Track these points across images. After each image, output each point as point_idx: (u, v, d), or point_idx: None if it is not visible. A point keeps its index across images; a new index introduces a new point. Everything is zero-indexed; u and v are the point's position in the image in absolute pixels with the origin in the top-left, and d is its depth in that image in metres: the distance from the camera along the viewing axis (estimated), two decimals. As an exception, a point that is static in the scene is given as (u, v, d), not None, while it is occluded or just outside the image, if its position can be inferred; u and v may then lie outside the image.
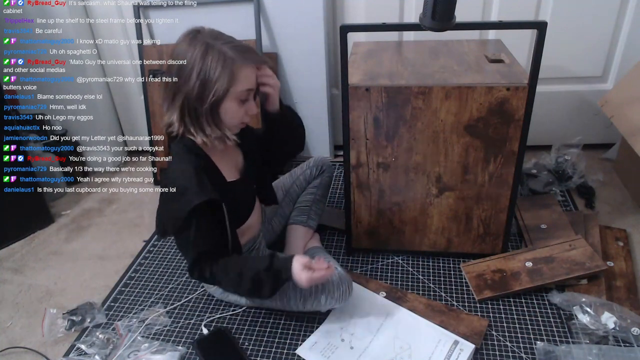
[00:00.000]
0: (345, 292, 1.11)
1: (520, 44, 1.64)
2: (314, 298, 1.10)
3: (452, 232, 1.29)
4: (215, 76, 0.98)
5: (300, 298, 1.11)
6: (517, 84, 1.08)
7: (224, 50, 0.99)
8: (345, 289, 1.11)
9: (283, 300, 1.13)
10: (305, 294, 1.11)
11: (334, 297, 1.10)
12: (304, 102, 1.78)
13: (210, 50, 0.98)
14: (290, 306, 1.13)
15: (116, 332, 1.17)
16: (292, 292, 1.11)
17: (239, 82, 1.01)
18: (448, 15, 0.93)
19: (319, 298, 1.10)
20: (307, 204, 1.34)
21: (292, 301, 1.12)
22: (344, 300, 1.11)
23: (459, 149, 1.16)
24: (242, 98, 1.04)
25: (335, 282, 1.10)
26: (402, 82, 1.12)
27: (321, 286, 1.09)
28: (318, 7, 1.62)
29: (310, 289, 1.10)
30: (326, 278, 1.05)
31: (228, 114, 1.04)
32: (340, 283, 1.10)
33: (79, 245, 1.54)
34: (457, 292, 1.23)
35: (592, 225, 1.39)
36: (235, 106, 1.03)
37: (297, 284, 1.01)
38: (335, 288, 1.10)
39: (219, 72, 0.98)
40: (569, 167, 1.60)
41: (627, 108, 1.46)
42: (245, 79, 1.02)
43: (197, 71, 0.98)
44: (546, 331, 1.11)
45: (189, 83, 0.99)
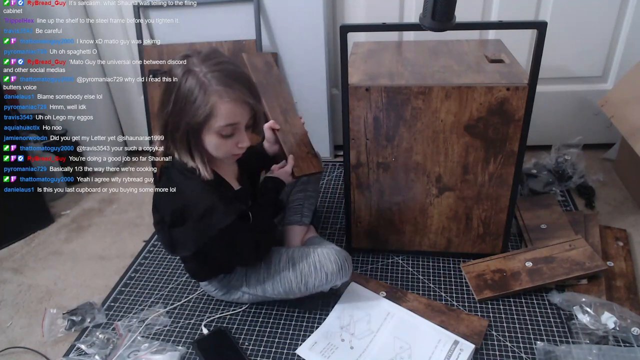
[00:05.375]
0: (345, 268, 1.10)
1: (520, 44, 1.64)
2: (314, 277, 1.09)
3: (452, 232, 1.29)
4: (192, 107, 0.93)
5: (302, 280, 1.10)
6: (517, 84, 1.08)
7: (205, 80, 0.93)
8: (344, 263, 1.10)
9: (285, 286, 1.12)
10: (305, 274, 1.10)
11: (334, 272, 1.09)
12: (304, 102, 1.78)
13: (190, 77, 0.93)
14: (293, 291, 1.12)
15: (116, 332, 1.17)
16: (293, 274, 1.11)
17: (217, 118, 0.95)
18: (448, 15, 0.92)
19: (319, 276, 1.09)
20: (299, 202, 1.33)
21: (293, 284, 1.11)
22: (346, 276, 1.12)
23: (459, 149, 1.16)
24: (225, 133, 0.98)
25: (332, 259, 1.09)
26: (402, 82, 1.12)
27: (319, 264, 1.09)
28: (318, 7, 1.62)
29: (309, 267, 1.10)
30: (293, 160, 1.17)
31: (211, 146, 1.00)
32: (338, 259, 1.10)
33: (79, 245, 1.54)
34: (457, 292, 1.23)
35: (592, 225, 1.39)
36: (216, 140, 0.98)
37: (287, 181, 1.17)
38: (333, 264, 1.09)
39: (196, 103, 0.93)
40: (569, 167, 1.60)
41: (627, 108, 1.46)
42: (227, 114, 0.95)
43: (175, 98, 0.95)
44: (546, 331, 1.11)
45: (168, 106, 0.96)
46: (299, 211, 1.33)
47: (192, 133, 0.97)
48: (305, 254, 1.12)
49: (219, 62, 0.96)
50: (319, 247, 1.13)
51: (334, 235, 1.46)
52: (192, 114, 0.95)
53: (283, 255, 1.14)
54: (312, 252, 1.12)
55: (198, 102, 0.94)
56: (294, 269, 1.11)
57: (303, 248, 1.16)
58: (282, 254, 1.15)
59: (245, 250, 1.09)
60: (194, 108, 0.94)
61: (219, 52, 1.00)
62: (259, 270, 1.15)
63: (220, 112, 0.95)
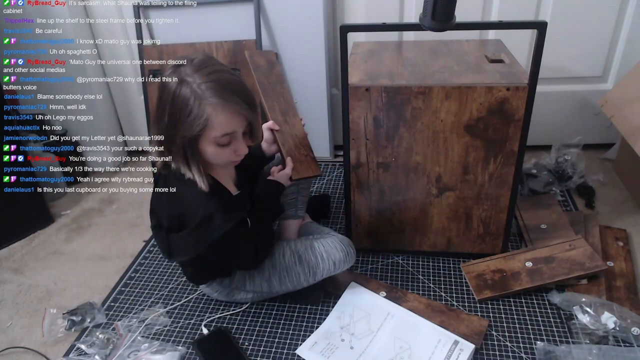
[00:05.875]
0: (351, 253, 1.14)
1: (520, 44, 1.64)
2: (322, 267, 1.12)
3: (452, 232, 1.29)
4: (187, 119, 0.92)
5: (310, 272, 1.12)
6: (517, 84, 1.08)
7: (199, 91, 0.91)
8: (349, 249, 1.14)
9: (293, 280, 1.13)
10: (313, 266, 1.12)
11: (342, 260, 1.12)
12: (304, 102, 1.78)
13: (183, 87, 0.92)
14: (302, 283, 1.14)
15: (116, 332, 1.17)
16: (300, 267, 1.12)
17: (213, 129, 0.94)
18: (448, 15, 0.92)
19: (327, 265, 1.12)
20: (292, 197, 1.32)
21: (302, 277, 1.13)
22: (352, 261, 1.15)
23: (459, 149, 1.16)
24: (221, 143, 0.97)
25: (338, 247, 1.12)
26: (402, 82, 1.12)
27: (325, 254, 1.11)
28: (318, 7, 1.62)
29: (316, 258, 1.12)
30: (292, 164, 1.17)
31: (208, 155, 0.99)
32: (343, 246, 1.13)
33: (79, 245, 1.54)
34: (457, 292, 1.23)
35: (592, 225, 1.39)
36: (214, 149, 0.98)
37: (287, 184, 1.17)
38: (340, 252, 1.12)
39: (191, 115, 0.92)
40: (569, 167, 1.60)
41: (627, 108, 1.46)
42: (223, 125, 0.95)
43: (169, 110, 0.94)
44: (546, 331, 1.11)
45: (164, 119, 0.95)
46: (293, 205, 1.32)
47: (188, 145, 0.96)
48: (310, 245, 1.14)
49: (213, 71, 0.94)
50: (322, 238, 1.15)
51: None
52: (188, 127, 0.94)
53: (286, 250, 1.15)
54: (316, 243, 1.13)
55: (193, 115, 0.92)
56: (300, 262, 1.12)
57: (305, 240, 1.17)
58: (285, 248, 1.15)
59: (244, 256, 1.09)
60: (189, 120, 0.93)
61: (213, 59, 0.98)
62: (263, 267, 1.15)
63: (215, 123, 0.94)
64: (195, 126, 0.93)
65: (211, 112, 0.93)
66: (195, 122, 0.93)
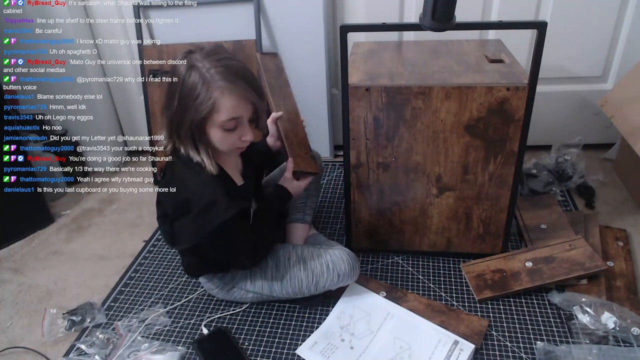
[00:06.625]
0: (356, 268, 1.15)
1: (520, 44, 1.64)
2: (326, 277, 1.12)
3: (452, 232, 1.29)
4: (195, 102, 0.94)
5: (313, 279, 1.12)
6: (517, 84, 1.08)
7: (208, 75, 0.94)
8: (355, 264, 1.15)
9: (295, 286, 1.13)
10: (317, 274, 1.12)
11: (347, 273, 1.13)
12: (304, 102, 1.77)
13: (193, 72, 0.94)
14: (302, 290, 1.14)
15: (116, 332, 1.17)
16: (304, 274, 1.13)
17: (220, 112, 0.96)
18: (448, 15, 0.92)
19: (331, 276, 1.12)
20: (301, 201, 1.34)
21: (304, 284, 1.13)
22: (356, 276, 1.16)
23: (459, 149, 1.16)
24: (227, 127, 0.99)
25: (345, 259, 1.13)
26: (402, 82, 1.12)
27: (332, 264, 1.12)
28: (318, 7, 1.62)
29: (321, 267, 1.12)
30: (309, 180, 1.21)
31: (215, 139, 1.01)
32: (350, 260, 1.14)
33: (79, 245, 1.54)
34: (457, 292, 1.23)
35: (592, 225, 1.39)
36: (220, 133, 1.00)
37: (296, 195, 1.19)
38: (346, 264, 1.13)
39: (199, 98, 0.94)
40: (569, 167, 1.60)
41: (627, 108, 1.46)
42: (230, 109, 0.97)
43: (179, 95, 0.96)
44: (546, 331, 1.11)
45: (173, 103, 0.98)
46: (301, 209, 1.33)
47: (196, 128, 0.99)
48: (317, 254, 1.14)
49: (222, 58, 0.97)
50: (330, 249, 1.16)
51: (334, 235, 1.46)
52: (196, 110, 0.96)
53: (292, 254, 1.15)
54: (323, 253, 1.14)
55: (201, 98, 0.95)
56: (305, 268, 1.13)
57: (312, 248, 1.17)
58: (291, 251, 1.16)
59: (243, 252, 1.09)
60: (197, 104, 0.95)
61: (222, 49, 1.01)
62: (266, 267, 1.15)
63: (222, 106, 0.96)
64: (202, 109, 0.95)
65: (218, 95, 0.95)
66: (203, 105, 0.95)
